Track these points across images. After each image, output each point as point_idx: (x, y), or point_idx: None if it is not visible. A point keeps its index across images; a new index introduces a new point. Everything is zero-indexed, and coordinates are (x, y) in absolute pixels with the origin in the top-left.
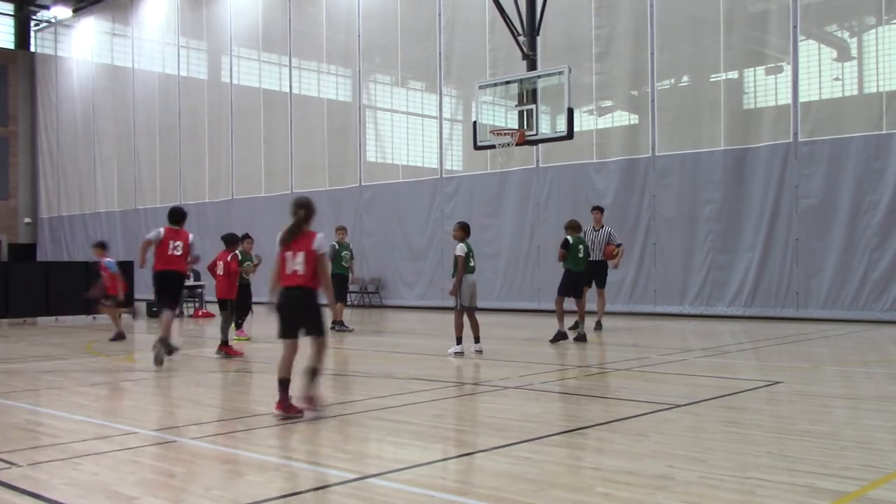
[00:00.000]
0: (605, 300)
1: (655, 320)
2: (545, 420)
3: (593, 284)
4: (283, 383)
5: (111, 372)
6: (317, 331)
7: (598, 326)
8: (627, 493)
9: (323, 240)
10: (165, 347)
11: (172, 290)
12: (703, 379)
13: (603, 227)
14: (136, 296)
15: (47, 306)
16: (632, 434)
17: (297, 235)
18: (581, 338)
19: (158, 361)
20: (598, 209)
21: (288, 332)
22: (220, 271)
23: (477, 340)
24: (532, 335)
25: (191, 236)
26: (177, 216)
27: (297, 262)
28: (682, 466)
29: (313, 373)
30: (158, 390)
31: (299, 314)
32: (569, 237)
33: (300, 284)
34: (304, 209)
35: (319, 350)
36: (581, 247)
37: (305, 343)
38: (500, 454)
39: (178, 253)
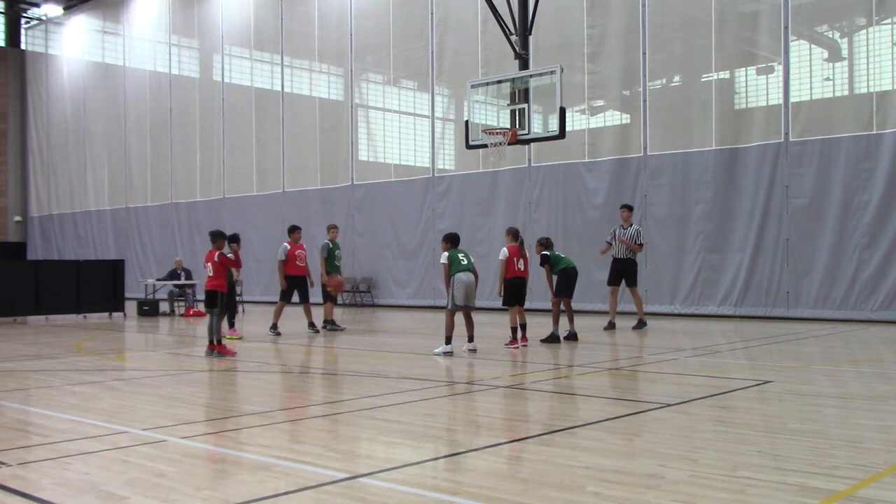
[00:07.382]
0: (639, 298)
1: (646, 319)
2: (536, 419)
3: (622, 283)
4: (523, 328)
5: (101, 371)
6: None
7: (640, 325)
8: (618, 492)
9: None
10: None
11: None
12: (694, 378)
13: (632, 225)
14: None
15: (37, 305)
16: (623, 433)
17: (521, 248)
18: (572, 336)
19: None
20: (627, 207)
21: (513, 301)
22: (210, 272)
23: (471, 339)
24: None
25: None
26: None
27: (519, 264)
28: (672, 465)
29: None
30: (149, 389)
31: (521, 293)
32: (546, 252)
33: (522, 276)
34: (515, 233)
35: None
36: (557, 252)
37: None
38: (491, 453)
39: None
